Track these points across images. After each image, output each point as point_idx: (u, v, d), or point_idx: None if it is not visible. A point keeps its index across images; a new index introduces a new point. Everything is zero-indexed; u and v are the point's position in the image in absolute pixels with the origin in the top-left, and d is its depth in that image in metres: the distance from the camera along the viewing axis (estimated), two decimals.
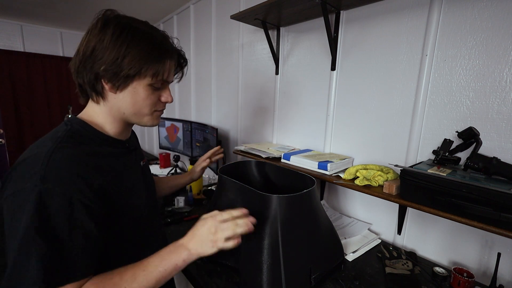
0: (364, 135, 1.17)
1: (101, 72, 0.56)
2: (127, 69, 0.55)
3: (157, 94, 0.64)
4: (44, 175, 0.48)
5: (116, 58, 0.55)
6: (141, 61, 0.56)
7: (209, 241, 0.59)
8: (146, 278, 0.54)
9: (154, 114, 0.66)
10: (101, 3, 2.41)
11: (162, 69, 0.60)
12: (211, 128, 1.83)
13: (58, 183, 0.48)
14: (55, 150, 0.51)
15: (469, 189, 0.69)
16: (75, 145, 0.56)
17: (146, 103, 0.62)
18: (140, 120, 0.65)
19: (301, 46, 1.40)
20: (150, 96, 0.62)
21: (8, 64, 3.09)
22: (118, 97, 0.60)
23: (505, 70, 0.79)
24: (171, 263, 0.57)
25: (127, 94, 0.60)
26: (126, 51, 0.55)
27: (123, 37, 0.55)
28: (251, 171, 1.13)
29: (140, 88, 0.60)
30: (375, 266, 0.94)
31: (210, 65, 2.13)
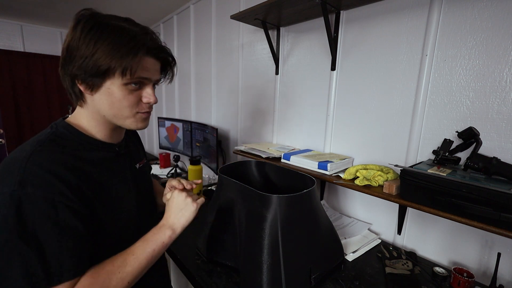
0: (364, 135, 1.17)
1: (74, 73, 0.54)
2: (96, 66, 0.51)
3: (137, 95, 0.58)
4: (22, 179, 0.46)
5: (86, 57, 0.51)
6: (109, 56, 0.51)
7: (187, 205, 0.64)
8: (137, 261, 0.57)
9: (137, 116, 0.60)
10: (101, 3, 2.41)
11: (136, 65, 0.53)
12: (211, 128, 1.83)
13: (37, 187, 0.46)
14: (33, 153, 0.50)
15: (469, 189, 0.69)
16: (56, 148, 0.54)
17: (123, 104, 0.57)
18: (123, 123, 0.60)
19: (301, 46, 1.40)
20: (127, 96, 0.56)
21: (8, 64, 3.09)
22: (95, 99, 0.57)
23: (505, 70, 0.79)
24: (158, 242, 0.60)
25: (103, 95, 0.55)
26: (94, 48, 0.51)
27: (92, 33, 0.51)
28: (251, 171, 1.13)
29: (114, 88, 0.55)
30: (375, 266, 0.94)
31: (210, 65, 2.13)
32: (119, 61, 0.51)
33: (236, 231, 0.84)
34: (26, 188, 0.46)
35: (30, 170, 0.47)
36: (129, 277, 0.55)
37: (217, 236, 0.90)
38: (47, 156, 0.51)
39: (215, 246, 0.91)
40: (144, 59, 0.56)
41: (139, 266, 0.57)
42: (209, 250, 0.92)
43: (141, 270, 0.58)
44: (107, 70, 0.52)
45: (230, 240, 0.86)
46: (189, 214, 0.64)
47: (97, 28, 0.52)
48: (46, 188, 0.47)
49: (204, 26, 2.18)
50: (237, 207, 0.85)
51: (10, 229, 0.45)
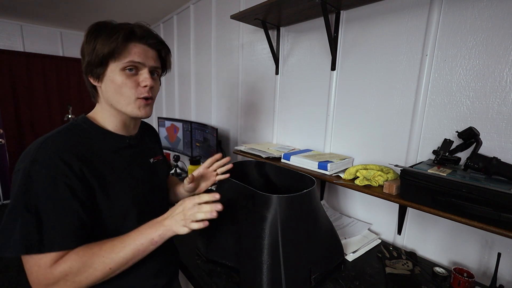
0: (364, 135, 1.17)
1: (86, 70, 0.65)
2: (96, 57, 0.61)
3: (135, 80, 0.66)
4: (34, 158, 0.55)
5: (89, 53, 0.62)
6: (104, 46, 0.61)
7: (180, 221, 0.62)
8: (123, 250, 0.58)
9: (137, 102, 0.67)
10: (101, 3, 2.41)
11: (124, 49, 0.62)
12: (211, 128, 1.83)
13: (43, 166, 0.55)
14: (49, 138, 0.59)
15: (469, 189, 0.69)
16: (69, 136, 0.62)
17: (125, 88, 0.64)
18: (126, 109, 0.67)
19: (301, 46, 1.40)
20: (126, 81, 0.64)
21: (8, 64, 3.09)
22: (103, 89, 0.66)
23: (505, 70, 0.79)
24: (148, 237, 0.61)
25: (107, 82, 0.65)
26: (94, 43, 0.61)
27: (93, 32, 0.62)
28: (251, 171, 1.13)
29: (114, 75, 0.64)
30: (375, 266, 0.94)
31: (210, 65, 2.13)
32: (110, 48, 0.61)
33: (236, 231, 0.84)
34: (35, 165, 0.55)
35: (41, 152, 0.56)
36: (112, 263, 0.57)
37: (217, 236, 0.90)
38: (59, 142, 0.60)
39: (215, 246, 0.91)
40: (132, 45, 0.64)
41: (124, 256, 0.58)
42: (209, 250, 0.92)
43: (126, 261, 0.59)
44: (103, 57, 0.61)
45: (230, 240, 0.86)
46: (179, 230, 0.62)
47: (96, 29, 0.63)
48: (50, 167, 0.55)
49: (204, 26, 2.18)
50: (237, 207, 0.85)
51: (19, 197, 0.54)
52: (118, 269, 0.59)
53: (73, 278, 0.55)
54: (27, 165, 0.55)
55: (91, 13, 2.72)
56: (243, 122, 1.87)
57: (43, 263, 0.54)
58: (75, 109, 3.49)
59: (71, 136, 0.62)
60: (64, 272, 0.54)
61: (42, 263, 0.54)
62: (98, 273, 0.57)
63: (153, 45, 0.68)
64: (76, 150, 0.60)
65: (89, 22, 0.64)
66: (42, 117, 3.37)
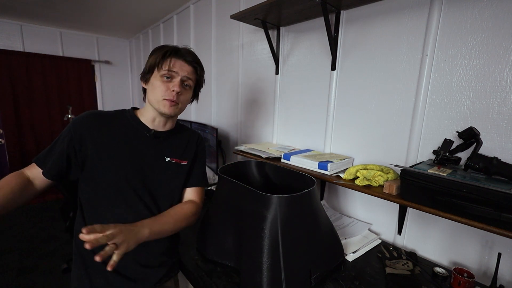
0: (364, 135, 1.17)
1: (141, 75, 0.87)
2: (148, 66, 0.84)
3: (167, 85, 0.82)
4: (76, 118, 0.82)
5: (146, 64, 0.85)
6: (154, 60, 0.82)
7: None
8: None
9: (163, 101, 0.82)
10: (101, 3, 2.41)
11: (164, 62, 0.81)
12: (211, 128, 1.83)
13: (72, 123, 0.80)
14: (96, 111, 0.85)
15: (470, 189, 0.68)
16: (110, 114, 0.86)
17: (159, 90, 0.82)
18: (156, 105, 0.83)
19: (301, 46, 1.40)
20: (161, 85, 0.82)
21: (8, 64, 3.09)
22: (148, 90, 0.86)
23: (505, 70, 0.79)
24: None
25: (150, 85, 0.84)
26: (150, 57, 0.84)
27: (153, 51, 0.85)
28: (251, 171, 1.13)
29: (155, 80, 0.82)
30: (375, 266, 0.94)
31: (210, 65, 2.13)
32: (156, 61, 0.81)
33: (236, 231, 0.84)
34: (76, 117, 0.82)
35: (83, 114, 0.82)
36: None
37: (217, 236, 0.90)
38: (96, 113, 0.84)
39: (215, 246, 0.90)
40: (173, 60, 0.82)
41: None
42: (209, 250, 0.92)
43: None
44: (150, 66, 0.83)
45: (230, 240, 0.86)
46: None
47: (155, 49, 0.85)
48: (74, 124, 0.80)
49: (204, 26, 2.18)
50: (237, 207, 0.85)
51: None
52: None
53: None
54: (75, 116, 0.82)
55: (91, 13, 2.72)
56: (243, 122, 1.87)
57: (31, 166, 0.80)
58: (75, 109, 3.49)
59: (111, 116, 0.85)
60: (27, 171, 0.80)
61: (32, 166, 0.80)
62: None
63: (190, 62, 0.85)
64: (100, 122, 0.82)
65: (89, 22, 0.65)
66: (42, 117, 3.37)
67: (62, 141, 0.78)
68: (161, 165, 0.87)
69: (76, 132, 0.78)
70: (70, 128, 0.79)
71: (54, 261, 2.23)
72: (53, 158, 0.78)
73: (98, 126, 0.81)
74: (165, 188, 0.87)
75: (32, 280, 2.03)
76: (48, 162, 0.78)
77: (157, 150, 0.87)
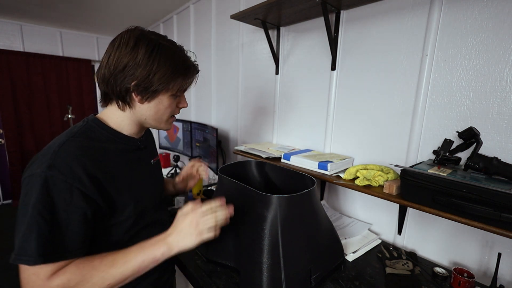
0: (364, 135, 1.17)
1: (133, 87, 0.63)
2: (157, 84, 0.63)
3: (176, 102, 0.72)
4: (51, 163, 0.54)
5: (148, 75, 0.62)
6: (170, 77, 0.64)
7: (191, 234, 0.61)
8: (124, 266, 0.57)
9: (170, 119, 0.74)
10: (101, 3, 2.41)
11: (186, 83, 0.70)
12: (211, 128, 1.83)
13: (61, 172, 0.54)
14: (66, 143, 0.59)
15: (470, 189, 0.68)
16: (85, 139, 0.62)
17: (167, 111, 0.70)
18: (157, 125, 0.72)
19: (301, 46, 1.40)
20: (171, 103, 0.70)
21: (8, 64, 3.09)
22: (143, 107, 0.67)
23: (505, 70, 0.79)
24: (150, 255, 0.60)
25: (153, 104, 0.67)
26: (156, 69, 0.62)
27: (154, 55, 0.62)
28: (251, 171, 1.13)
29: (164, 99, 0.68)
30: (375, 267, 0.94)
31: (210, 65, 2.13)
32: (177, 81, 0.66)
33: (236, 231, 0.84)
34: (52, 171, 0.54)
35: (59, 157, 0.56)
36: (111, 279, 0.56)
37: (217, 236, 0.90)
38: (75, 147, 0.59)
39: (215, 246, 0.90)
40: (191, 77, 0.71)
41: (124, 272, 0.57)
42: (209, 250, 0.92)
43: (125, 278, 0.58)
44: (165, 87, 0.65)
45: (230, 240, 0.86)
46: (187, 243, 0.61)
47: (157, 50, 0.63)
48: (68, 174, 0.55)
49: (204, 26, 2.18)
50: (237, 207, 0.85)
51: (36, 204, 0.52)
52: (116, 286, 0.58)
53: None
54: (44, 170, 0.53)
55: (91, 13, 2.72)
56: (243, 122, 1.87)
57: (43, 273, 0.53)
58: (75, 109, 3.49)
59: (85, 140, 0.62)
60: (61, 285, 0.53)
61: (42, 273, 0.53)
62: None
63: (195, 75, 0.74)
64: (91, 155, 0.60)
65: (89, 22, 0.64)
66: (42, 117, 3.37)
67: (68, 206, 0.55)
68: (151, 170, 0.82)
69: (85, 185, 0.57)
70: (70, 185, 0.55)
71: None
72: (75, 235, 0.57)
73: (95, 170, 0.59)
74: (161, 188, 0.88)
75: None
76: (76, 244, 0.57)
77: (145, 158, 0.79)
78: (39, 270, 0.53)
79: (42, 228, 0.52)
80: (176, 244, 0.61)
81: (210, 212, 0.64)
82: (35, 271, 0.53)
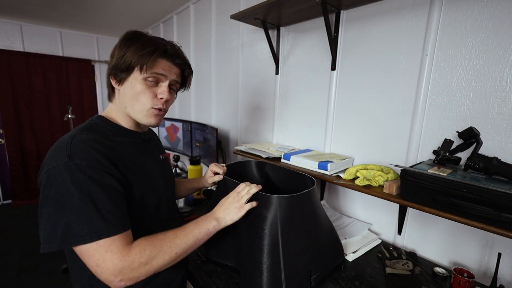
0: (364, 135, 1.17)
1: (111, 70, 0.69)
2: (124, 63, 0.66)
3: (153, 91, 0.69)
4: (70, 153, 0.57)
5: (119, 57, 0.66)
6: (135, 55, 0.65)
7: (235, 208, 0.73)
8: (185, 237, 0.65)
9: (150, 111, 0.70)
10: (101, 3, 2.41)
11: (151, 63, 0.66)
12: (211, 128, 1.83)
13: (82, 158, 0.57)
14: (76, 135, 0.62)
15: (470, 189, 0.68)
16: (92, 132, 0.66)
17: (144, 97, 0.68)
18: (137, 116, 0.71)
19: (301, 46, 1.40)
20: (145, 90, 0.68)
21: (8, 64, 3.09)
22: (121, 92, 0.70)
23: (505, 70, 0.79)
24: (204, 228, 0.69)
25: (127, 87, 0.68)
26: (127, 50, 0.66)
27: (128, 40, 0.67)
28: (251, 171, 1.13)
29: (136, 82, 0.67)
30: (375, 267, 0.94)
31: (210, 65, 2.13)
32: (139, 59, 0.65)
33: (236, 231, 0.84)
34: (74, 159, 0.56)
35: (75, 146, 0.59)
36: (177, 248, 0.63)
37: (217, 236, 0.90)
38: (86, 136, 0.63)
39: (215, 246, 0.90)
40: (160, 60, 0.68)
41: (186, 242, 0.64)
42: (209, 250, 0.92)
43: (188, 247, 0.65)
44: (130, 65, 0.66)
45: (230, 240, 0.86)
46: (232, 217, 0.73)
47: (131, 37, 0.68)
48: (89, 158, 0.58)
49: (204, 26, 2.18)
50: None
51: (70, 191, 0.54)
52: (180, 256, 0.64)
53: (151, 262, 0.58)
54: (66, 161, 0.56)
55: (91, 13, 2.72)
56: (243, 122, 1.87)
57: (116, 247, 0.55)
58: (75, 109, 3.49)
59: (93, 133, 0.66)
60: (141, 254, 0.57)
61: (115, 247, 0.55)
62: (167, 257, 0.61)
63: (179, 64, 0.73)
64: (103, 143, 0.63)
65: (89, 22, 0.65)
66: (41, 117, 3.37)
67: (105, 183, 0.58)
68: (161, 165, 0.84)
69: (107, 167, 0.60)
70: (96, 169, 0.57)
71: (54, 261, 2.23)
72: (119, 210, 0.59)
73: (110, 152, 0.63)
74: (173, 185, 0.91)
75: (32, 280, 2.03)
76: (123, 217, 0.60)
77: (152, 152, 0.81)
78: (112, 245, 0.55)
79: (85, 208, 0.54)
80: (223, 219, 0.72)
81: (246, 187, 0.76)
82: (108, 247, 0.55)
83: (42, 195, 0.56)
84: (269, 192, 0.75)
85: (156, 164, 0.79)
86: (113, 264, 0.54)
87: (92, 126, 0.68)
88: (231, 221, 0.73)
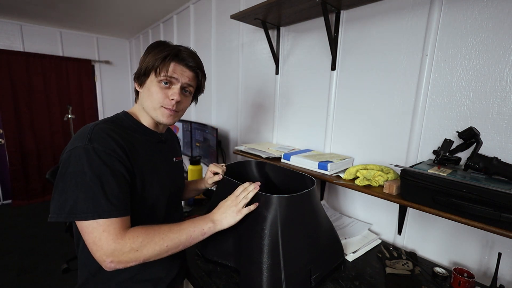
0: (364, 135, 1.17)
1: (135, 75, 0.78)
2: (144, 69, 0.74)
3: (166, 92, 0.75)
4: (90, 137, 0.64)
5: (141, 63, 0.75)
6: (151, 61, 0.73)
7: (232, 212, 0.74)
8: (179, 232, 0.67)
9: (161, 109, 0.76)
10: (101, 3, 2.41)
11: (165, 67, 0.72)
12: (211, 128, 1.83)
13: (99, 144, 0.63)
14: (99, 124, 0.69)
15: (470, 189, 0.68)
16: (115, 125, 0.72)
17: (155, 97, 0.74)
18: (152, 113, 0.77)
19: (301, 46, 1.40)
20: (159, 92, 0.74)
21: (8, 64, 3.09)
22: (141, 94, 0.78)
23: (505, 70, 0.79)
24: (199, 228, 0.70)
25: (145, 89, 0.76)
26: (147, 56, 0.74)
27: (150, 48, 0.76)
28: (251, 171, 1.13)
29: (152, 85, 0.74)
30: (375, 267, 0.94)
31: (210, 65, 2.13)
32: (154, 63, 0.72)
33: (236, 231, 0.84)
34: (93, 143, 0.63)
35: (96, 133, 0.65)
36: (169, 241, 0.65)
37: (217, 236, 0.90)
38: (108, 126, 0.69)
39: (215, 246, 0.90)
40: (172, 64, 0.74)
41: (179, 237, 0.66)
42: (209, 250, 0.92)
43: (180, 243, 0.66)
44: (147, 69, 0.73)
45: (230, 240, 0.86)
46: (229, 220, 0.74)
47: (153, 45, 0.76)
48: (106, 145, 0.64)
49: (204, 26, 2.18)
50: None
51: (85, 169, 0.60)
52: (171, 250, 0.66)
53: (141, 249, 0.61)
54: (86, 143, 0.62)
55: (91, 13, 2.72)
56: (243, 122, 1.87)
57: (113, 229, 0.60)
58: (75, 109, 3.49)
59: (115, 125, 0.72)
60: (133, 240, 0.61)
61: (112, 229, 0.59)
62: (157, 248, 0.63)
63: (192, 68, 0.78)
64: (121, 134, 0.69)
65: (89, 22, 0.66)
66: (41, 117, 3.37)
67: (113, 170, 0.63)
68: (173, 167, 0.87)
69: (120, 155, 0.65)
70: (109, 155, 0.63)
71: (54, 261, 2.23)
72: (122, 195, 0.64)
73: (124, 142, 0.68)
74: (182, 187, 0.93)
75: (32, 280, 2.03)
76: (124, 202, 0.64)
77: (167, 154, 0.86)
78: (110, 226, 0.60)
79: (94, 188, 0.59)
80: (220, 222, 0.73)
81: (244, 192, 0.77)
82: (106, 227, 0.59)
83: (61, 171, 0.62)
84: (269, 192, 0.75)
85: (166, 165, 0.83)
86: (107, 244, 0.59)
87: (116, 120, 0.76)
88: (228, 225, 0.74)
